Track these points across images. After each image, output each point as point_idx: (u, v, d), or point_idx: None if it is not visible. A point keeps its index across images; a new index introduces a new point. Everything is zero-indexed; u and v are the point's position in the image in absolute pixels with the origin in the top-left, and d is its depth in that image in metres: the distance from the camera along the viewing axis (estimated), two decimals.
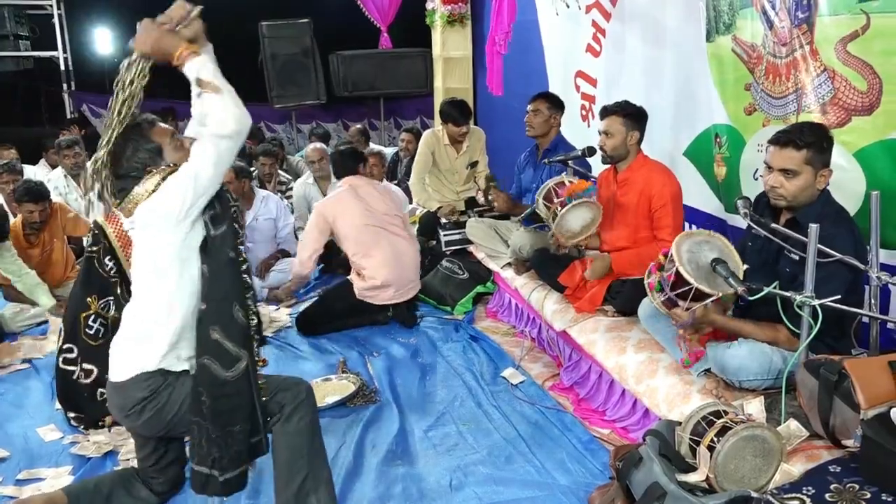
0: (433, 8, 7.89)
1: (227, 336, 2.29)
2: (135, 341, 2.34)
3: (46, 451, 3.25)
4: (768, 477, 2.26)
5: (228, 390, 2.28)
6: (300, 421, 2.43)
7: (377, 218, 4.63)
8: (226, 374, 2.27)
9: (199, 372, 2.28)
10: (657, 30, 4.37)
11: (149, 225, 2.28)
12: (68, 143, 6.24)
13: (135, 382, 2.30)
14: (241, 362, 2.30)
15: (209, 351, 2.28)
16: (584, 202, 3.66)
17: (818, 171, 2.62)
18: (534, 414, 3.49)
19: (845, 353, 2.61)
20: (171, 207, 2.23)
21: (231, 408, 2.30)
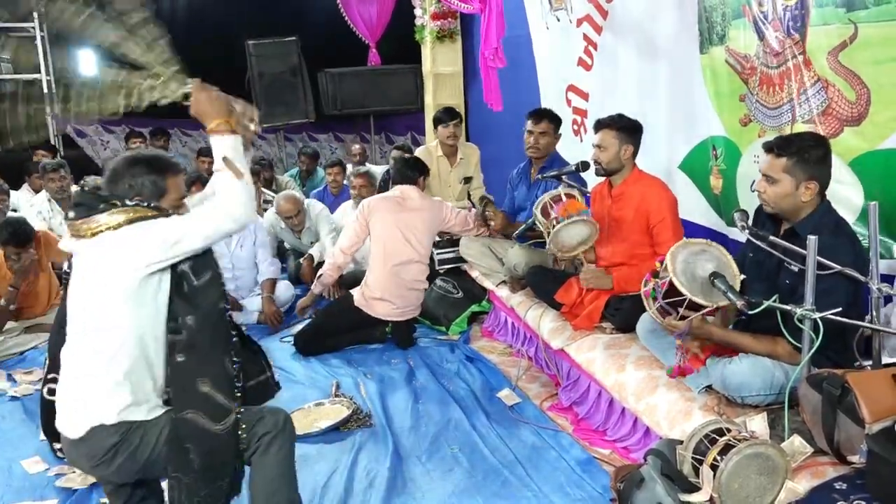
0: (422, 24, 7.90)
1: (217, 388, 2.25)
2: (88, 393, 2.24)
3: (31, 483, 3.17)
4: (773, 495, 2.23)
5: (219, 444, 2.24)
6: (279, 451, 2.37)
7: (406, 235, 4.62)
8: (216, 427, 2.22)
9: (184, 426, 2.22)
10: (649, 42, 4.37)
11: (102, 262, 2.21)
12: (54, 166, 6.17)
13: (99, 431, 2.22)
14: (231, 415, 2.25)
15: (196, 404, 2.23)
16: (580, 220, 3.63)
17: (800, 182, 2.61)
18: (531, 436, 3.43)
19: (848, 366, 2.58)
20: (136, 255, 2.18)
21: (222, 462, 2.26)
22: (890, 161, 2.85)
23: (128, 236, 2.20)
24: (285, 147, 10.08)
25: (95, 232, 2.22)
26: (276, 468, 2.37)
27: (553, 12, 5.48)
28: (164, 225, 2.23)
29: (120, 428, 2.21)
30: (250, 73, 8.46)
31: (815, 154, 2.59)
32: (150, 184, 2.32)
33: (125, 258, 2.17)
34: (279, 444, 2.36)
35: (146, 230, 2.20)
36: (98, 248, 2.21)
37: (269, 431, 2.36)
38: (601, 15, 4.83)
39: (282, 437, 2.37)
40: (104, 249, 2.20)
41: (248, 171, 2.31)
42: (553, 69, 5.68)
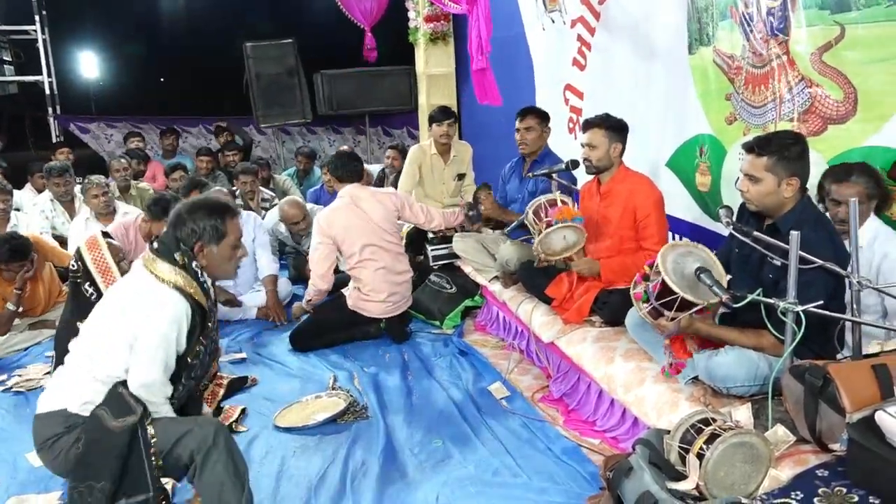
0: (416, 26, 7.95)
1: (132, 394, 2.38)
2: (70, 383, 2.43)
3: (35, 476, 3.21)
4: (757, 483, 2.27)
5: (107, 441, 2.28)
6: (215, 466, 2.37)
7: (375, 232, 4.60)
8: (112, 423, 2.29)
9: (90, 420, 2.34)
10: (641, 43, 4.42)
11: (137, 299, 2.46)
12: (59, 170, 6.19)
13: (53, 416, 2.38)
14: (132, 416, 2.31)
15: (108, 401, 2.35)
16: (572, 226, 3.69)
17: (782, 179, 2.66)
18: (521, 428, 3.48)
19: (830, 357, 2.63)
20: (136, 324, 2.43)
21: (99, 459, 2.29)
22: (871, 157, 2.91)
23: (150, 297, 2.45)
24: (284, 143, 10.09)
25: (156, 276, 2.46)
26: (216, 484, 2.36)
27: (548, 14, 5.53)
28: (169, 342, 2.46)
29: (69, 420, 2.36)
30: (248, 75, 8.49)
31: (794, 151, 2.65)
32: (211, 228, 2.54)
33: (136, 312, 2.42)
34: (214, 459, 2.37)
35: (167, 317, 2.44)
36: (147, 286, 2.44)
37: (197, 451, 2.37)
38: (594, 16, 4.88)
39: (215, 451, 2.38)
40: (148, 292, 2.44)
41: None
42: (550, 69, 5.73)
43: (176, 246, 2.53)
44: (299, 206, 6.04)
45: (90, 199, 5.60)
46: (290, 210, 5.97)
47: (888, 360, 2.28)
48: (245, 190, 6.52)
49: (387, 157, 7.53)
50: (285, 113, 8.69)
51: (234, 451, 2.44)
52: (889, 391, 2.19)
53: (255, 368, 4.33)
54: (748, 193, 2.75)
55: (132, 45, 11.63)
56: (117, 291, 2.59)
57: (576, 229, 3.73)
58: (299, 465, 3.20)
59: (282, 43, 8.54)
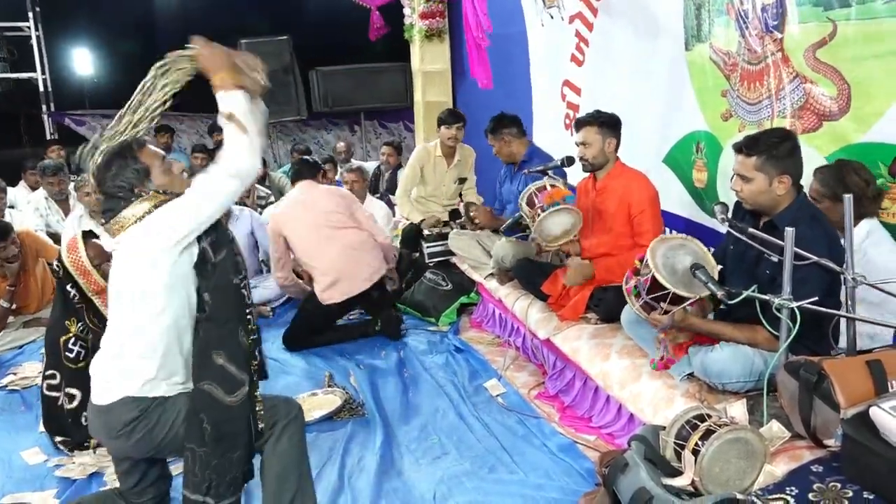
0: (411, 23, 7.94)
1: (231, 360, 2.28)
2: (120, 366, 2.31)
3: (31, 474, 3.22)
4: (752, 478, 2.27)
5: (231, 415, 2.26)
6: (291, 438, 2.42)
7: (323, 217, 4.59)
8: (229, 398, 2.25)
9: (199, 397, 2.25)
10: (638, 39, 4.42)
11: (136, 250, 2.27)
12: (53, 169, 6.17)
13: (122, 404, 2.27)
14: (244, 387, 2.28)
15: (212, 376, 2.26)
16: (563, 208, 3.69)
17: (773, 178, 2.67)
18: (516, 424, 3.49)
19: (825, 353, 2.64)
20: (163, 236, 2.22)
21: (233, 432, 2.28)
22: (866, 154, 2.91)
23: (153, 221, 2.26)
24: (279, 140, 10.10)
25: (126, 227, 2.30)
26: (287, 455, 2.41)
27: (546, 10, 5.53)
28: (181, 200, 2.27)
29: (140, 403, 2.27)
30: None
31: (783, 149, 2.65)
32: (132, 172, 2.33)
33: (156, 242, 2.23)
34: (290, 432, 2.41)
35: (168, 211, 2.26)
36: (130, 241, 2.29)
37: (281, 419, 2.41)
38: (592, 12, 4.88)
39: (294, 425, 2.42)
40: (136, 241, 2.28)
41: (253, 125, 2.29)
42: (548, 65, 5.73)
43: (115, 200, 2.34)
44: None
45: (83, 196, 5.58)
46: None
47: (882, 356, 2.29)
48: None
49: (382, 153, 7.53)
50: (280, 110, 8.65)
51: (305, 433, 2.49)
52: (883, 387, 2.21)
53: None
54: (742, 193, 2.76)
55: (126, 42, 11.61)
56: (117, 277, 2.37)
57: (569, 210, 3.72)
58: None
59: (277, 40, 8.51)
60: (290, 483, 2.41)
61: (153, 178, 2.36)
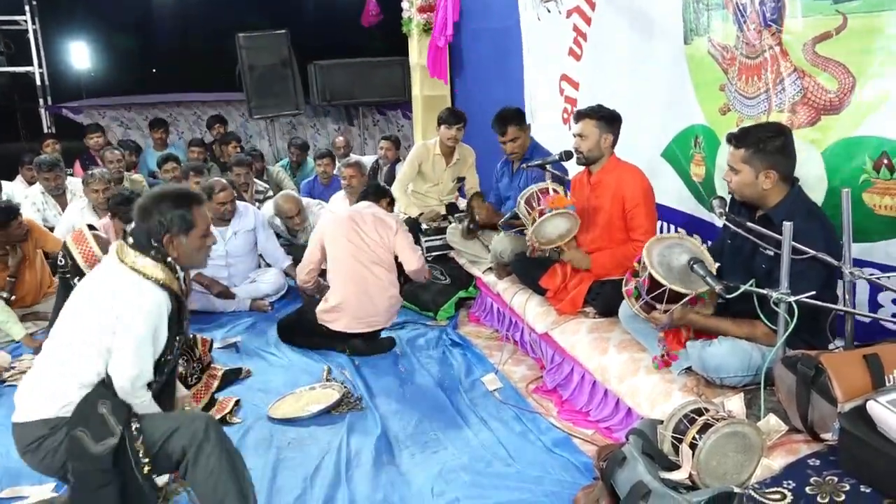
0: (409, 17, 7.92)
1: (113, 413, 2.31)
2: (43, 391, 2.38)
3: (28, 468, 3.20)
4: (749, 472, 2.29)
5: (92, 466, 2.26)
6: (208, 458, 2.34)
7: (362, 247, 4.40)
8: (95, 448, 2.26)
9: (70, 444, 2.28)
10: (636, 33, 4.40)
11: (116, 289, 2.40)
12: (49, 165, 6.16)
13: (33, 424, 2.34)
14: (112, 438, 2.27)
15: (86, 422, 2.29)
16: (564, 213, 3.69)
17: (759, 171, 2.69)
18: (513, 419, 3.50)
19: (822, 347, 2.65)
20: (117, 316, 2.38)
21: (94, 486, 2.26)
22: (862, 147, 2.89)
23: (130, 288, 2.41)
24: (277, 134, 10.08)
25: (133, 267, 2.42)
26: (212, 477, 2.34)
27: (543, 4, 5.52)
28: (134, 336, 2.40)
29: (49, 423, 2.32)
30: (241, 66, 8.46)
31: (772, 144, 2.67)
32: (178, 218, 2.48)
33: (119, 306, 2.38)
34: (206, 453, 2.34)
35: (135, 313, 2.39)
36: (125, 277, 2.40)
37: (189, 444, 2.34)
38: (589, 6, 4.86)
39: (206, 444, 2.35)
40: (127, 283, 2.39)
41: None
42: (546, 59, 5.70)
43: (147, 239, 2.49)
44: (295, 200, 6.04)
45: (90, 192, 5.59)
46: (286, 205, 5.96)
47: (880, 350, 2.29)
48: (239, 182, 6.50)
49: (380, 147, 7.52)
50: (279, 104, 8.68)
51: (226, 442, 2.42)
52: (880, 381, 2.21)
53: (249, 360, 4.33)
54: (731, 184, 2.80)
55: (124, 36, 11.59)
56: (89, 288, 2.51)
57: (569, 216, 3.73)
58: (294, 457, 3.20)
59: (275, 34, 8.51)
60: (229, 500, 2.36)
61: (190, 235, 2.52)
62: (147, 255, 2.46)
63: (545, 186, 3.84)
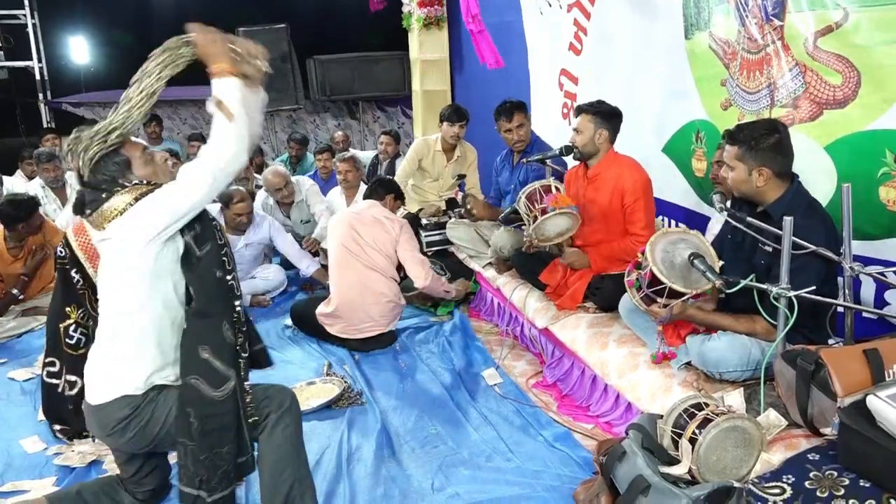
0: (409, 11, 7.91)
1: (216, 355, 2.27)
2: (113, 364, 2.31)
3: (30, 462, 3.23)
4: (749, 467, 2.29)
5: (217, 410, 2.26)
6: (285, 429, 2.40)
7: (361, 249, 4.39)
8: (214, 393, 2.25)
9: (186, 391, 2.25)
10: (637, 28, 4.40)
11: (120, 243, 2.25)
12: (48, 156, 6.20)
13: (115, 403, 2.28)
14: (229, 382, 2.27)
15: (197, 370, 2.25)
16: (566, 212, 3.69)
17: (752, 169, 2.69)
18: (513, 414, 3.50)
19: (822, 343, 2.65)
20: (144, 228, 2.20)
21: (219, 427, 2.27)
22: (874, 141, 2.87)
23: (136, 213, 2.23)
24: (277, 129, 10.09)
25: (109, 219, 2.27)
26: (283, 447, 2.40)
27: None
28: (164, 190, 2.25)
29: (132, 401, 2.27)
30: None
31: (765, 142, 2.66)
32: (113, 164, 2.32)
33: (139, 234, 2.21)
34: (285, 423, 2.40)
35: (150, 201, 2.23)
36: (115, 233, 2.26)
37: (274, 410, 2.39)
38: (590, 1, 4.87)
39: (288, 415, 2.40)
40: (120, 233, 2.25)
41: (244, 113, 2.26)
42: (546, 54, 5.71)
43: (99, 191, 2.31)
44: (281, 174, 6.09)
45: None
46: (273, 178, 6.03)
47: (880, 345, 2.29)
48: (239, 176, 6.49)
49: (380, 142, 7.51)
50: (278, 98, 8.65)
51: (301, 422, 2.47)
52: (880, 375, 2.21)
53: None
54: (728, 180, 2.80)
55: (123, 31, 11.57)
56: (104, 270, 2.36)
57: (572, 216, 3.73)
58: None
59: (274, 28, 8.49)
60: (287, 474, 2.40)
61: (134, 169, 2.34)
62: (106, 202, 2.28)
63: (548, 184, 3.84)
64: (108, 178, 2.31)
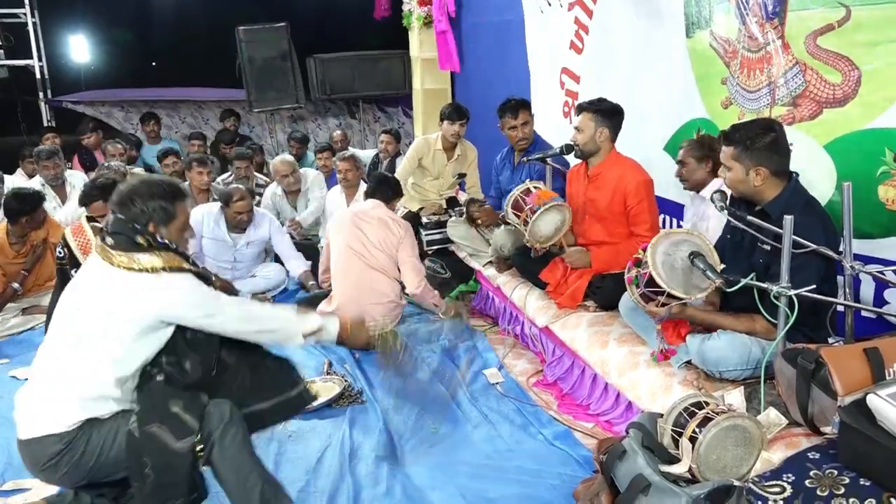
0: (410, 10, 7.91)
1: (187, 410, 2.31)
2: (50, 396, 2.30)
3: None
4: (749, 465, 2.29)
5: (176, 461, 2.26)
6: (233, 439, 2.36)
7: (364, 249, 4.40)
8: (177, 444, 2.26)
9: (146, 440, 2.25)
10: (638, 26, 4.40)
11: (126, 294, 2.31)
12: (48, 153, 6.19)
13: (46, 438, 2.26)
14: (193, 436, 2.28)
15: (163, 420, 2.27)
16: (551, 206, 3.70)
17: (749, 168, 2.70)
18: (514, 412, 3.50)
19: (822, 342, 2.66)
20: (163, 306, 2.31)
21: (174, 481, 2.27)
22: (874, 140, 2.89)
23: (163, 285, 2.32)
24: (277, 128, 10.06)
25: (130, 268, 2.32)
26: (237, 457, 2.36)
27: None
28: (204, 293, 2.38)
29: (65, 437, 2.26)
30: (240, 59, 8.43)
31: (761, 141, 2.66)
32: (161, 209, 2.41)
33: (155, 304, 2.30)
34: (231, 434, 2.36)
35: (185, 287, 2.34)
36: (127, 281, 2.32)
37: (216, 427, 2.35)
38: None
39: (231, 426, 2.36)
40: (134, 286, 2.31)
41: (306, 342, 2.64)
42: (547, 52, 5.71)
43: (132, 230, 2.38)
44: (288, 161, 6.32)
45: None
46: (281, 166, 6.25)
47: (880, 344, 2.29)
48: (239, 175, 6.52)
49: (381, 141, 7.51)
50: (278, 98, 8.65)
51: (245, 425, 2.45)
52: (881, 374, 2.21)
53: None
54: (726, 181, 2.82)
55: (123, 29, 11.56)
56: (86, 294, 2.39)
57: (560, 208, 3.74)
58: (297, 449, 3.21)
59: (275, 27, 8.48)
60: (252, 479, 2.37)
61: (169, 227, 2.44)
62: (134, 250, 2.36)
63: (525, 187, 3.87)
64: (142, 220, 2.39)
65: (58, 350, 2.36)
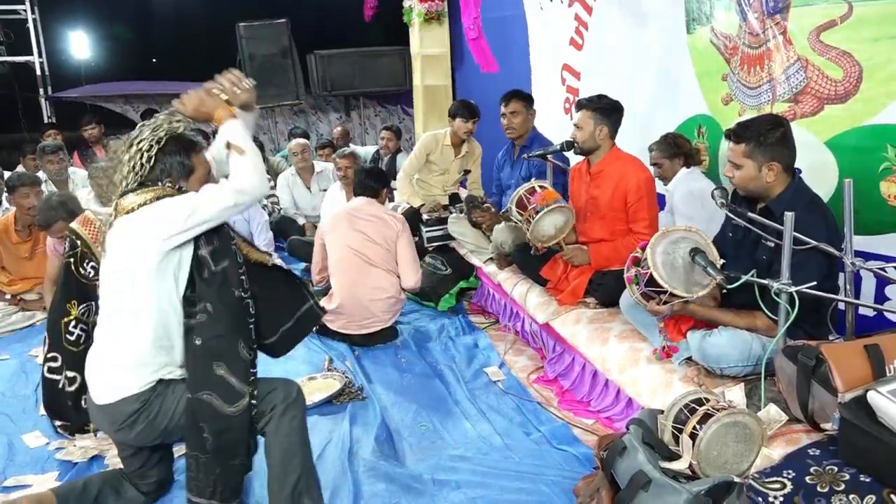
0: (410, 6, 7.90)
1: (232, 373, 2.30)
2: (117, 363, 2.34)
3: (32, 457, 3.23)
4: (750, 462, 2.30)
5: (231, 425, 2.30)
6: (292, 421, 2.44)
7: (361, 244, 4.39)
8: (229, 409, 2.28)
9: (199, 407, 2.28)
10: (638, 22, 4.39)
11: (130, 237, 2.29)
12: (52, 148, 6.18)
13: (121, 403, 2.32)
14: (244, 399, 2.31)
15: (211, 386, 2.28)
16: (556, 207, 3.70)
17: (762, 164, 2.69)
18: (513, 409, 3.51)
19: (822, 338, 2.65)
20: (156, 228, 2.25)
21: (234, 442, 2.32)
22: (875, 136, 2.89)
23: (152, 209, 2.29)
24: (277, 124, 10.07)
25: (128, 210, 2.32)
26: (290, 437, 2.43)
27: None
28: (181, 198, 2.31)
29: (141, 396, 2.31)
30: (241, 55, 8.43)
31: (772, 136, 2.66)
32: (178, 164, 2.41)
33: (149, 230, 2.26)
34: (292, 414, 2.43)
35: (167, 204, 2.29)
36: (129, 224, 2.31)
37: (280, 402, 2.42)
38: None
39: (294, 407, 2.44)
40: (134, 224, 2.30)
41: (249, 142, 2.40)
42: (548, 49, 5.71)
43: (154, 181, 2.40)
44: (302, 143, 6.95)
45: (94, 184, 5.58)
46: (294, 146, 6.90)
47: (881, 340, 2.29)
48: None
49: (381, 138, 7.51)
50: (279, 94, 8.65)
51: (305, 414, 2.51)
52: (881, 371, 2.21)
53: None
54: (734, 179, 2.79)
55: (123, 25, 11.53)
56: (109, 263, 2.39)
57: (563, 209, 3.74)
58: None
59: (275, 23, 8.48)
60: (295, 464, 2.44)
61: (190, 180, 2.44)
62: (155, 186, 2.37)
63: (531, 186, 3.86)
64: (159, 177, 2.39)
65: (108, 315, 2.40)
